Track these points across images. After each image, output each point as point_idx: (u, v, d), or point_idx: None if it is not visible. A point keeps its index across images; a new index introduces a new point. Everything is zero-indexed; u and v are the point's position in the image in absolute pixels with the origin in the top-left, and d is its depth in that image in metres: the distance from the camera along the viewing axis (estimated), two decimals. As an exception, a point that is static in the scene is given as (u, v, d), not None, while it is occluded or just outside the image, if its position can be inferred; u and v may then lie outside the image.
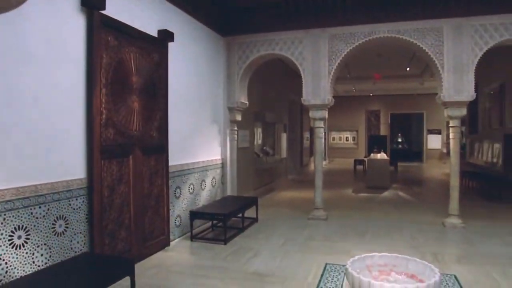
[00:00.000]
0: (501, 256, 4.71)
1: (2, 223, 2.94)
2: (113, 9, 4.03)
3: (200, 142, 6.16)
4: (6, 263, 2.97)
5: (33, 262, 3.20)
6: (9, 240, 3.00)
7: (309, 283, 3.84)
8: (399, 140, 22.43)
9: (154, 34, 4.84)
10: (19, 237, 3.09)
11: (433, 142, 20.60)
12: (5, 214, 2.97)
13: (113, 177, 4.08)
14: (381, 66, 12.60)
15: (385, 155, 11.48)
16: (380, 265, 3.71)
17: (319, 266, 4.29)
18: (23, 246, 3.12)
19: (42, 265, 3.28)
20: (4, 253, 2.96)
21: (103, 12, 3.89)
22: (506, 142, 8.68)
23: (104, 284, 2.96)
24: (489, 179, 9.26)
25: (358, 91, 18.93)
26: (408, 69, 12.90)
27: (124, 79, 4.25)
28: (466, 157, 12.22)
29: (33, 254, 3.21)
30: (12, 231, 3.02)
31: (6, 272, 2.97)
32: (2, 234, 2.94)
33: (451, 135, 6.24)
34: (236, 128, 7.13)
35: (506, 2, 5.76)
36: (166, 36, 4.98)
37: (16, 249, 3.05)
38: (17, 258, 3.06)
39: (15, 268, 3.04)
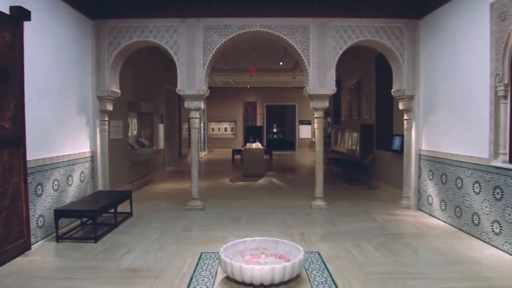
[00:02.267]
0: (356, 231, 5.34)
1: None
2: None
3: (66, 134, 5.65)
4: None
5: None
6: None
7: (184, 273, 3.84)
8: (274, 130, 23.75)
9: (6, 10, 4.25)
10: None
11: (304, 132, 22.33)
12: None
13: (-47, 175, 3.51)
14: (256, 59, 13.11)
15: (260, 144, 12.03)
16: (252, 249, 3.90)
17: (194, 256, 4.31)
18: None
19: None
20: None
21: None
22: (362, 131, 9.80)
23: None
24: (349, 164, 10.38)
25: (235, 82, 19.45)
26: (281, 63, 13.66)
27: (-35, 61, 3.65)
28: (331, 145, 13.48)
29: None
30: None
31: None
32: None
33: (315, 125, 6.83)
34: (107, 119, 6.70)
35: (360, 8, 6.49)
36: (20, 13, 4.40)
37: None
38: None
39: None
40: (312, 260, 4.16)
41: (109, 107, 6.69)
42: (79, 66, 6.10)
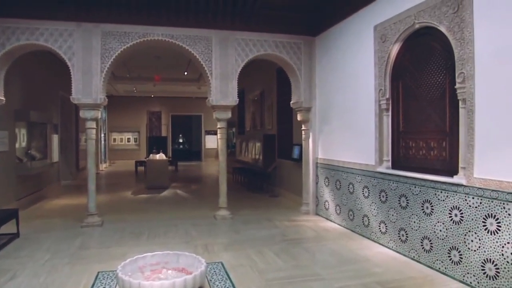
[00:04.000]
0: (258, 239, 5.48)
1: None
2: None
3: None
4: None
5: None
6: None
7: (78, 296, 3.58)
8: (180, 140, 23.41)
9: None
10: None
11: (210, 142, 22.36)
12: None
13: None
14: (160, 68, 12.84)
15: (163, 155, 11.76)
16: (153, 264, 3.77)
17: (90, 276, 4.03)
18: None
19: None
20: None
21: None
22: (265, 141, 10.13)
23: None
24: (253, 173, 10.63)
25: (139, 91, 18.80)
26: (185, 73, 13.55)
27: None
28: (236, 155, 13.69)
29: None
30: None
31: None
32: None
33: (218, 136, 6.90)
34: (-12, 129, 6.01)
35: (262, 22, 6.75)
36: None
37: None
38: None
39: None
40: (215, 271, 4.16)
41: (-9, 116, 6.02)
42: (-47, 69, 5.39)
